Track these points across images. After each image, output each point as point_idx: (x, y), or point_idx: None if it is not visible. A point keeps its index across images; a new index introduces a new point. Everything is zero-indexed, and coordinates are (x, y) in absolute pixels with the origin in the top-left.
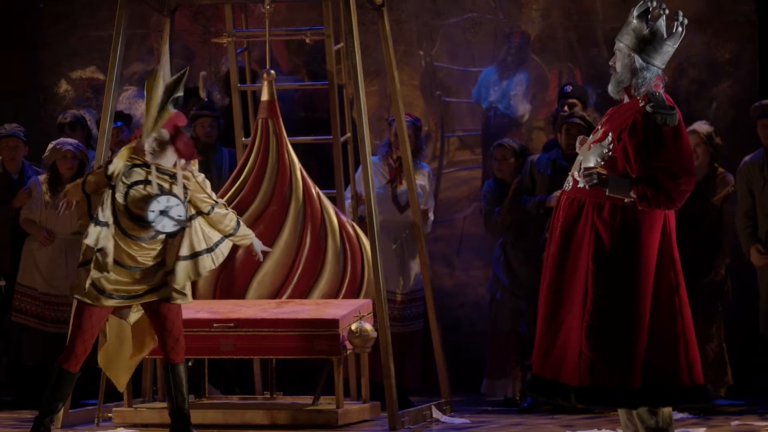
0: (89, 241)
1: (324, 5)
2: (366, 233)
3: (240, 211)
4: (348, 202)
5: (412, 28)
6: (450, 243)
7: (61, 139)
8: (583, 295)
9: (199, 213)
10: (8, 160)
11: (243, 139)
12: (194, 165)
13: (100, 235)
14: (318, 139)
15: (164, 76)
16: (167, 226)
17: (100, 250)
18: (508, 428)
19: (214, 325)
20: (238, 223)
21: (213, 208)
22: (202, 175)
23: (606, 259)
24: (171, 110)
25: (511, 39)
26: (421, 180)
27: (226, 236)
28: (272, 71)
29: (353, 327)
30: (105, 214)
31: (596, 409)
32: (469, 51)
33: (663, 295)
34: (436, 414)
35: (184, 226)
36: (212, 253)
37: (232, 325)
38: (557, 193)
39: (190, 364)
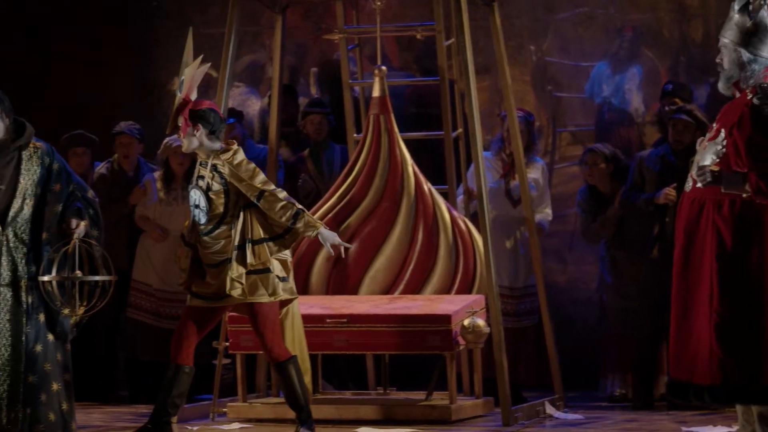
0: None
1: (435, 1)
2: (478, 228)
3: (351, 207)
4: (460, 198)
5: (523, 23)
6: (563, 238)
7: (174, 136)
8: (709, 294)
9: (252, 204)
10: (122, 158)
11: (354, 135)
12: (236, 152)
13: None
14: (429, 135)
15: (185, 67)
16: (201, 218)
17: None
18: (622, 424)
19: (327, 320)
20: (298, 213)
21: (260, 195)
22: (247, 163)
23: (729, 256)
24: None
25: (623, 33)
26: (534, 173)
27: (288, 228)
28: (383, 67)
29: (466, 322)
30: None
31: (727, 408)
32: (581, 46)
33: None
34: (550, 410)
35: (207, 216)
36: (264, 245)
37: (344, 320)
38: (666, 190)
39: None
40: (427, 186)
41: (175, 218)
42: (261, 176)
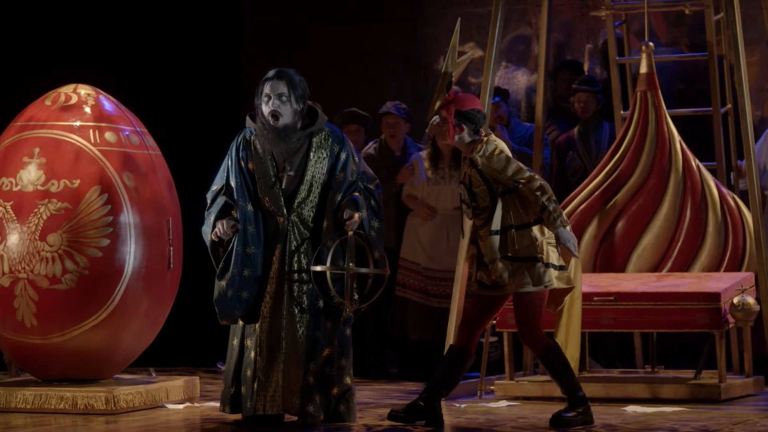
0: None
1: None
2: (748, 206)
3: (619, 184)
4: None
5: None
6: None
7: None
8: None
9: (510, 190)
10: (389, 138)
11: (622, 112)
12: (487, 143)
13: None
14: (697, 111)
15: (450, 61)
16: (468, 213)
17: None
18: None
19: (594, 298)
20: (544, 207)
21: (514, 186)
22: (498, 153)
23: None
24: (444, 94)
25: None
26: None
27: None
28: (651, 43)
29: (735, 300)
30: None
31: None
32: None
33: None
34: None
35: (472, 210)
36: (528, 229)
37: (612, 298)
38: None
39: None
40: (695, 162)
41: (442, 197)
42: (513, 165)
